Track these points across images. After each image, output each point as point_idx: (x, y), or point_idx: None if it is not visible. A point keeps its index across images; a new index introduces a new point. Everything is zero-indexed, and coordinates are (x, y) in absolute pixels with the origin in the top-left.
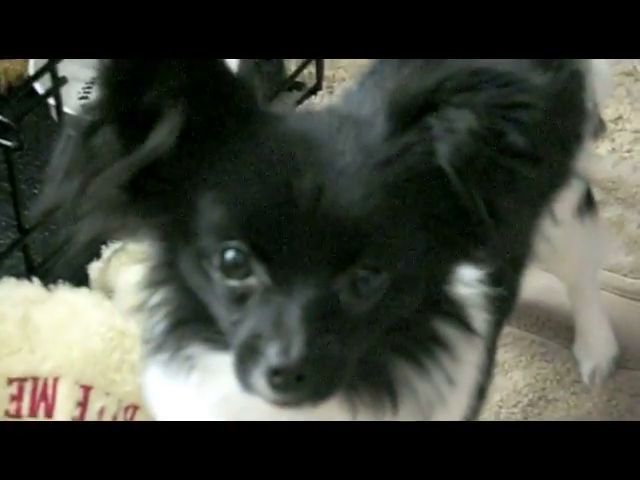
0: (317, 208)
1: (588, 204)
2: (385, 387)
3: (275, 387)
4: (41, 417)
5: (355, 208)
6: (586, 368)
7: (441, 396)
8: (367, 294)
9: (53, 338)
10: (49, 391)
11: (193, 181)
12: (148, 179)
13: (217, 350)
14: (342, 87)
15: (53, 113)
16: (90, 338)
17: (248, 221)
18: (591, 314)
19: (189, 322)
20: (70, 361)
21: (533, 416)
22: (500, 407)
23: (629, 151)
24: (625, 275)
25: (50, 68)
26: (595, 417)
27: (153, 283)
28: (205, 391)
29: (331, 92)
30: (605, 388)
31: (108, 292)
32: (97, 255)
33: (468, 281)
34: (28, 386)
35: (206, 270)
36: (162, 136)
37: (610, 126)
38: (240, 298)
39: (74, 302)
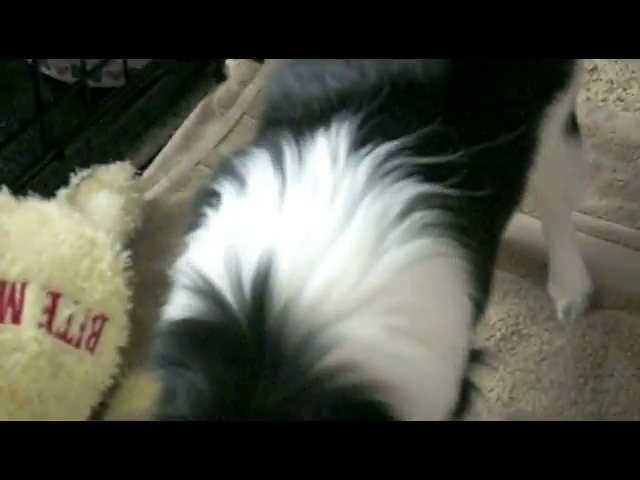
0: None
1: (573, 126)
2: None
3: None
4: (8, 322)
5: None
6: (561, 304)
7: None
8: None
9: (22, 243)
10: (17, 296)
11: None
12: None
13: None
14: None
15: None
16: (59, 245)
17: None
18: (566, 252)
19: None
20: (39, 266)
21: (506, 350)
22: None
23: (604, 100)
24: (599, 217)
25: None
26: (568, 353)
27: None
28: None
29: None
30: (578, 325)
31: None
32: (65, 183)
33: None
34: None
35: None
36: None
37: (586, 76)
38: None
39: (44, 210)
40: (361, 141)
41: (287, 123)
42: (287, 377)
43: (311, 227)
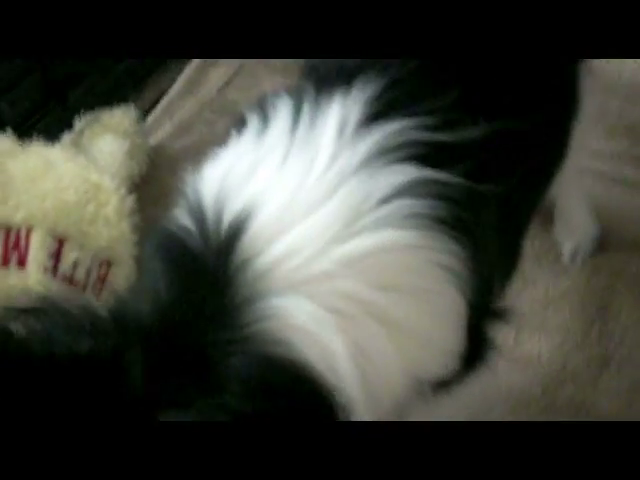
0: None
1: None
2: None
3: None
4: (13, 266)
5: None
6: (568, 247)
7: None
8: None
9: (26, 188)
10: (22, 241)
11: None
12: None
13: None
14: None
15: None
16: (64, 190)
17: None
18: (573, 195)
19: None
20: (43, 211)
21: (511, 294)
22: None
23: None
24: (605, 161)
25: None
26: (574, 296)
27: None
28: None
29: None
30: (584, 268)
31: None
32: (69, 127)
33: None
34: (0, 235)
35: None
36: None
37: None
38: None
39: (48, 155)
40: (374, 114)
41: (312, 76)
42: (230, 324)
43: (298, 192)
